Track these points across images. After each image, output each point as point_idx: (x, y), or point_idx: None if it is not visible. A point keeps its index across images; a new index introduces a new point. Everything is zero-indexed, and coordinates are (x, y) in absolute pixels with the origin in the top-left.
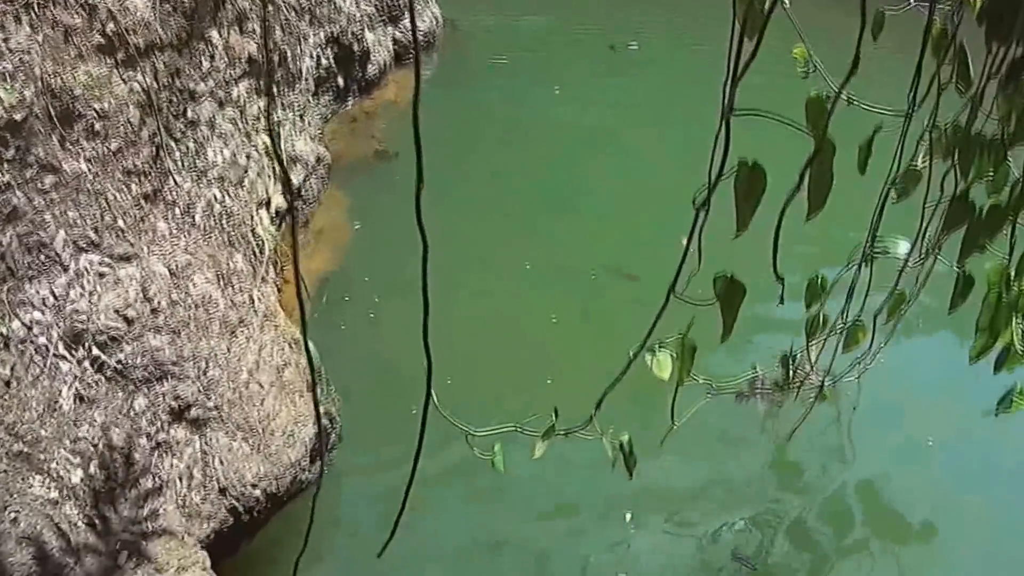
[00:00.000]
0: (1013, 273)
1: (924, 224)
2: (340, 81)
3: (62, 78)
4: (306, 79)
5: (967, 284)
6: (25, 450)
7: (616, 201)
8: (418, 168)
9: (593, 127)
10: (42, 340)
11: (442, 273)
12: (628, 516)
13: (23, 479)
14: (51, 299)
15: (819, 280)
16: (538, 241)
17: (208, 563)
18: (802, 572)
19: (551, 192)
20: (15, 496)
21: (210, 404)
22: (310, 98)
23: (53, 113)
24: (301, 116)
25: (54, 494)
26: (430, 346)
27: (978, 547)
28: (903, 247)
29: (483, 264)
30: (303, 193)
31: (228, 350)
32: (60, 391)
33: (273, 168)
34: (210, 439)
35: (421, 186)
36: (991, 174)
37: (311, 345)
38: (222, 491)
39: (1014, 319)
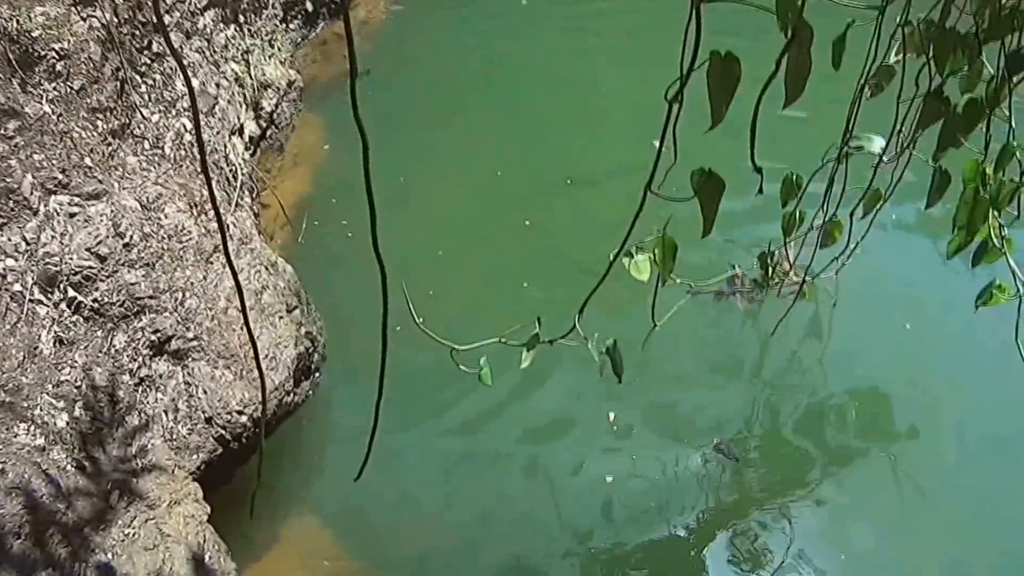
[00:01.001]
0: (990, 169)
1: (899, 120)
2: (308, 5)
3: (19, 21)
4: (273, 5)
5: (943, 180)
6: (7, 399)
7: (591, 113)
8: (351, 57)
9: (566, 32)
10: (17, 287)
11: (416, 184)
12: (611, 416)
13: (7, 429)
14: (23, 244)
15: (794, 178)
16: (513, 152)
17: (200, 494)
18: (783, 462)
19: (525, 104)
20: (0, 447)
21: (190, 334)
22: (278, 24)
23: (12, 58)
24: (270, 43)
25: (40, 441)
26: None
27: (956, 427)
28: (878, 143)
29: (457, 172)
30: (275, 118)
31: (204, 278)
32: (39, 336)
33: (244, 95)
34: (192, 369)
35: (355, 76)
36: (965, 69)
37: (288, 266)
38: (208, 421)
39: (991, 214)
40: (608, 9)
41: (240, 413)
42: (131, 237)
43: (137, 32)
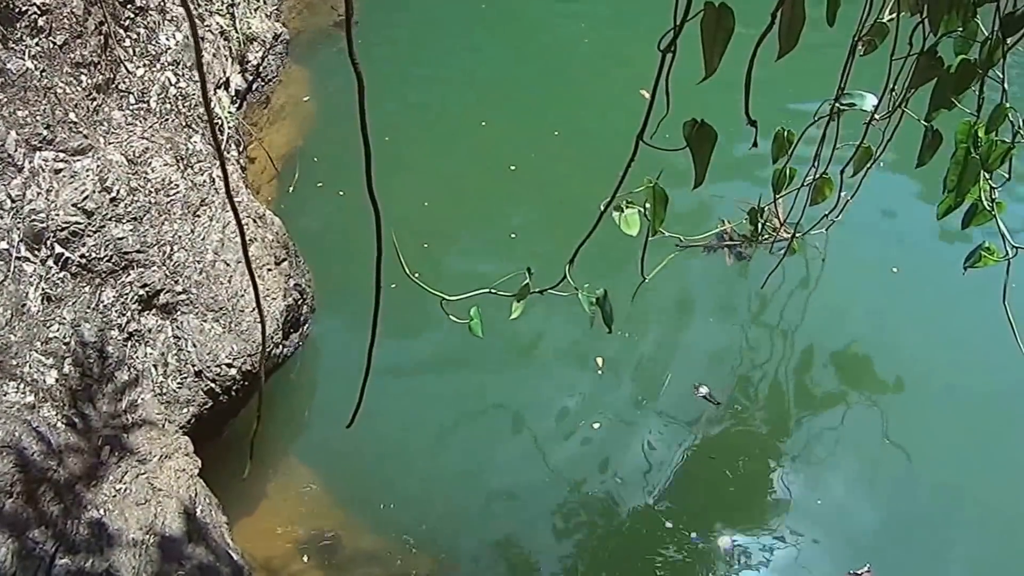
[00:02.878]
0: (982, 130)
1: (892, 78)
2: None
3: None
4: None
5: (935, 139)
6: None
7: (578, 65)
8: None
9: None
10: (3, 245)
11: (401, 141)
12: (600, 361)
13: None
14: (8, 202)
15: (785, 133)
16: (498, 105)
17: (191, 448)
18: (765, 408)
19: (509, 58)
20: None
21: (178, 288)
22: None
23: None
24: None
25: (30, 398)
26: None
27: (939, 383)
28: (869, 100)
29: (441, 128)
30: (261, 71)
31: (192, 231)
32: (26, 294)
33: (230, 48)
34: (181, 323)
35: (351, 16)
36: (960, 30)
37: (276, 219)
38: (198, 374)
39: (982, 176)
40: None
41: (230, 366)
42: (118, 192)
43: None
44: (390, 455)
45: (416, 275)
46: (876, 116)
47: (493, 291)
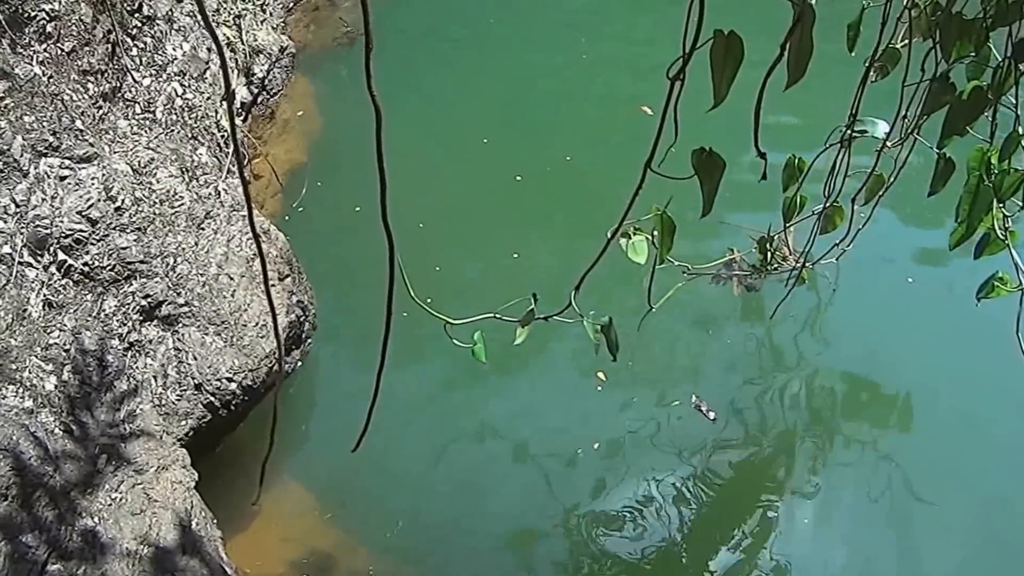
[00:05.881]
0: (995, 158)
1: (904, 105)
2: None
3: None
4: None
5: (947, 167)
6: None
7: (583, 86)
8: (366, 30)
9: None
10: (6, 249)
11: (402, 160)
12: (601, 375)
13: None
14: (12, 207)
15: (796, 161)
16: (501, 123)
17: (188, 460)
18: (769, 431)
19: (514, 78)
20: None
21: (180, 300)
22: None
23: (2, 18)
24: (262, 7)
25: (28, 403)
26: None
27: (945, 417)
28: (882, 128)
29: (444, 144)
30: (267, 84)
31: (196, 244)
32: (28, 299)
33: (236, 60)
34: (182, 335)
35: (370, 49)
36: (972, 55)
37: (280, 234)
38: (198, 387)
39: (995, 205)
40: None
41: (230, 380)
42: (122, 201)
43: None
44: (388, 475)
45: (427, 300)
46: (888, 143)
47: (497, 316)
